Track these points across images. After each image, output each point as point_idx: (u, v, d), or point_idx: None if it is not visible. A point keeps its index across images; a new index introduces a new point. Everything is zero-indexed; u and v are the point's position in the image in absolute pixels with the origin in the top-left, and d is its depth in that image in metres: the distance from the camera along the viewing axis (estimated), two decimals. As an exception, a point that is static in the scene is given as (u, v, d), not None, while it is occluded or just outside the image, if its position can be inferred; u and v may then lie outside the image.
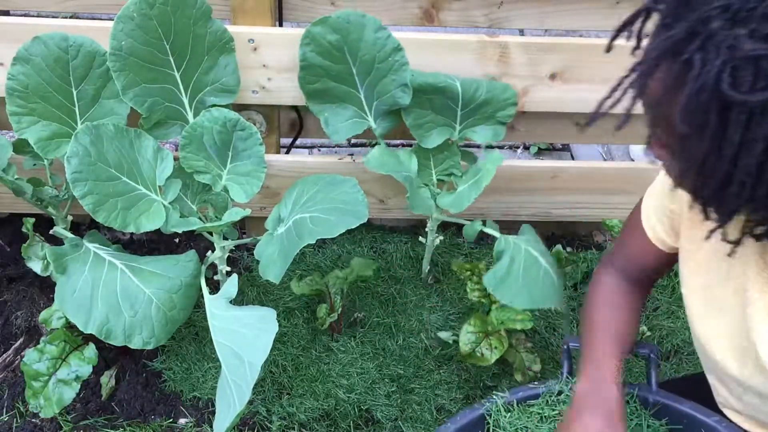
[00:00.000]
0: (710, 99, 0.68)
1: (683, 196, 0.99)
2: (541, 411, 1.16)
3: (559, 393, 1.16)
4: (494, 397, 1.16)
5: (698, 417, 1.09)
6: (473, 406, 1.17)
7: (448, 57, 1.65)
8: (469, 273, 1.65)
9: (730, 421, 1.06)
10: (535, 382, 1.18)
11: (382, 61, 1.57)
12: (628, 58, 1.78)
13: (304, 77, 1.60)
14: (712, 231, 0.81)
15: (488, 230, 1.68)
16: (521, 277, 1.53)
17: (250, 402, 1.63)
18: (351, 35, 1.55)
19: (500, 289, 1.51)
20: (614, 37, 0.80)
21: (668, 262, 1.13)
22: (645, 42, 0.77)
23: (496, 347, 1.58)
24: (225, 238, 1.65)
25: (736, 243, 0.82)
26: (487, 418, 1.16)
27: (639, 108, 0.78)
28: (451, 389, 1.69)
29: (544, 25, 1.76)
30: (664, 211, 1.06)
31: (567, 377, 1.18)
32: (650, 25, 0.76)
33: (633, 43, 0.79)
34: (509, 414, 1.15)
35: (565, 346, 1.22)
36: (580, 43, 1.67)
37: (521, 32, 2.53)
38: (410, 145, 1.75)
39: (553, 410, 1.15)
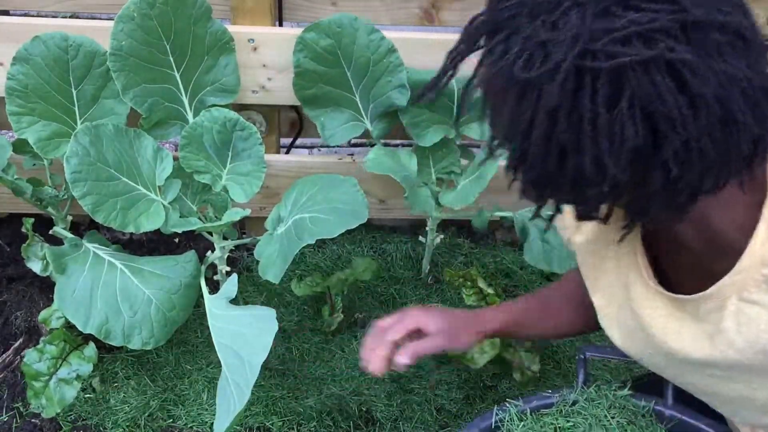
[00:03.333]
0: (505, 81, 0.74)
1: None
2: (555, 421, 1.14)
3: (574, 403, 1.15)
4: (507, 405, 1.14)
5: None
6: (485, 414, 1.16)
7: (448, 57, 1.65)
8: (462, 279, 1.65)
9: None
10: (549, 391, 1.17)
11: (376, 63, 1.58)
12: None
13: (299, 83, 1.61)
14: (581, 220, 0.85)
15: (500, 213, 1.70)
16: (558, 244, 1.62)
17: (250, 402, 1.63)
18: (344, 39, 1.55)
19: (547, 261, 1.63)
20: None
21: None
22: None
23: (486, 351, 1.58)
24: (225, 238, 1.64)
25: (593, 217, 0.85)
26: (500, 426, 1.15)
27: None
28: (451, 389, 1.69)
29: (544, 25, 1.76)
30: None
31: (582, 387, 1.17)
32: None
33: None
34: (522, 423, 1.14)
35: (582, 356, 1.20)
36: (580, 43, 1.66)
37: (521, 32, 2.53)
38: (410, 145, 1.75)
39: (568, 421, 1.13)
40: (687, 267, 0.94)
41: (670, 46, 0.68)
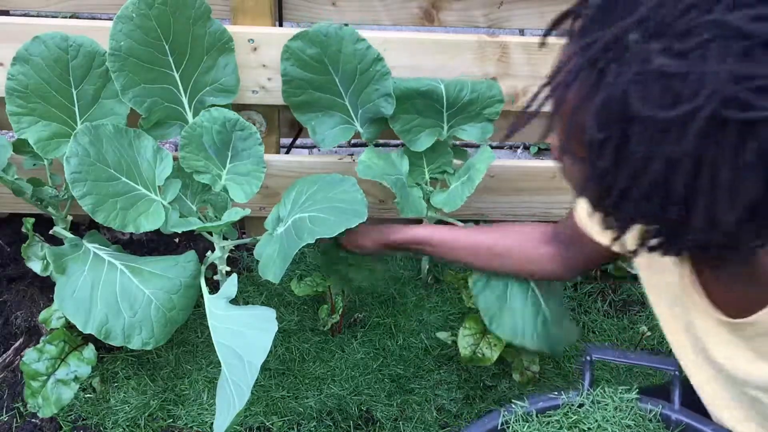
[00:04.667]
0: (618, 111, 0.66)
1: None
2: (561, 423, 1.14)
3: (580, 405, 1.15)
4: (513, 406, 1.14)
5: None
6: (491, 414, 1.15)
7: (448, 57, 1.65)
8: (463, 282, 1.65)
9: None
10: (555, 393, 1.17)
11: (363, 72, 1.57)
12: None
13: (288, 90, 1.61)
14: (613, 240, 0.80)
15: None
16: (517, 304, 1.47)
17: (250, 402, 1.63)
18: (330, 48, 1.56)
19: (496, 322, 1.46)
20: (546, 35, 0.81)
21: (604, 258, 1.17)
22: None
23: (495, 345, 1.58)
24: (225, 238, 1.65)
25: (633, 254, 0.82)
26: (505, 428, 1.14)
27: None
28: (451, 389, 1.69)
29: (544, 25, 1.75)
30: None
31: (588, 390, 1.16)
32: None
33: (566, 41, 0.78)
34: (527, 424, 1.14)
35: (588, 357, 1.19)
36: (579, 42, 1.66)
37: (521, 32, 2.53)
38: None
39: (575, 424, 1.13)
40: (732, 289, 0.91)
41: None
